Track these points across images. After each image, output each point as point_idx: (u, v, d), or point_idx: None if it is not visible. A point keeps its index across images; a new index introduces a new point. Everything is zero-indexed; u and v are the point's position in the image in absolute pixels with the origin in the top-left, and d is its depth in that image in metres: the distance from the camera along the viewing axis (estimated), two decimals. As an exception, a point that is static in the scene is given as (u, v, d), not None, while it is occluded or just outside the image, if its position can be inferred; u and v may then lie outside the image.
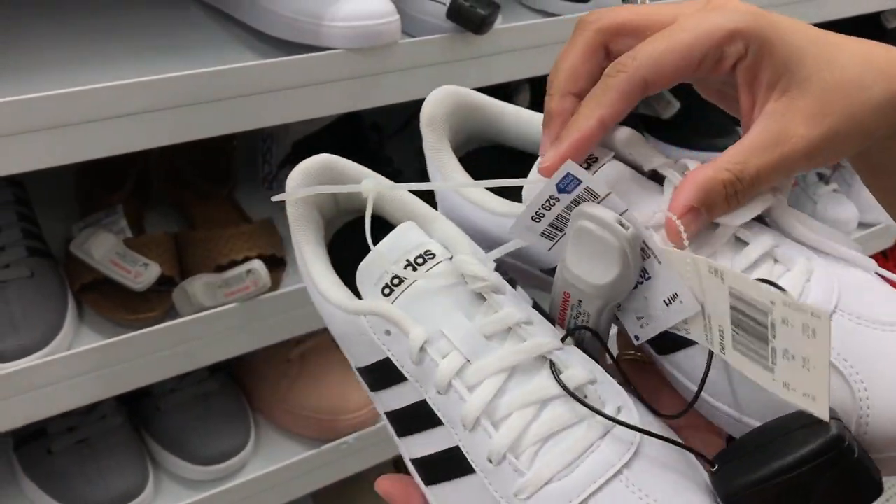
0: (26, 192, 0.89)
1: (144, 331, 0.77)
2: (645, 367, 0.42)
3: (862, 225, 1.44)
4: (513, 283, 0.40)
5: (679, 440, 0.36)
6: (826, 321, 0.30)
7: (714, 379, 0.37)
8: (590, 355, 0.38)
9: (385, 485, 0.39)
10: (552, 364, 0.36)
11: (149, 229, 0.92)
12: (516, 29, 0.83)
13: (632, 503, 0.33)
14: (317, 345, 0.97)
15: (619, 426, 0.34)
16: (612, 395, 0.36)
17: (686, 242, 0.36)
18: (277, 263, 0.87)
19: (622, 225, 0.35)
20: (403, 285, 0.37)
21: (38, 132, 0.63)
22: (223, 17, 0.84)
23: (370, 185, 0.38)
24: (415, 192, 0.42)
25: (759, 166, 0.36)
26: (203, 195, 0.95)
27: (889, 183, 0.43)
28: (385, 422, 0.40)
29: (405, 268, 0.38)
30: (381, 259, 0.38)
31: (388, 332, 0.37)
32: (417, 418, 0.37)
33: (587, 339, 0.39)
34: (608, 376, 0.37)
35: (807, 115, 0.36)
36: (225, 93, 0.70)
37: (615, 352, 0.41)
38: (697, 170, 0.37)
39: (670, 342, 0.38)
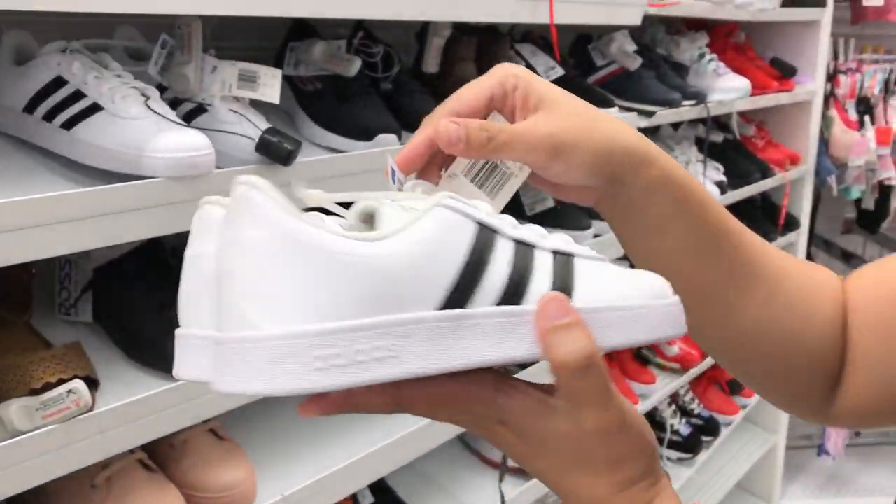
0: None
1: (-48, 462, 0.74)
2: None
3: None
4: None
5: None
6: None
7: None
8: None
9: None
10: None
11: (-59, 361, 0.89)
12: (315, 161, 0.98)
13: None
14: (123, 467, 0.97)
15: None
16: None
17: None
18: (91, 384, 0.88)
19: None
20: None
21: None
22: (35, 149, 0.88)
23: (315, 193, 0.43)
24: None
25: (511, 130, 0.48)
26: (1, 323, 0.94)
27: (637, 226, 0.54)
28: None
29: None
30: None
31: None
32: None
33: None
34: None
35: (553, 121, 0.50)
36: (33, 220, 0.73)
37: None
38: None
39: None
